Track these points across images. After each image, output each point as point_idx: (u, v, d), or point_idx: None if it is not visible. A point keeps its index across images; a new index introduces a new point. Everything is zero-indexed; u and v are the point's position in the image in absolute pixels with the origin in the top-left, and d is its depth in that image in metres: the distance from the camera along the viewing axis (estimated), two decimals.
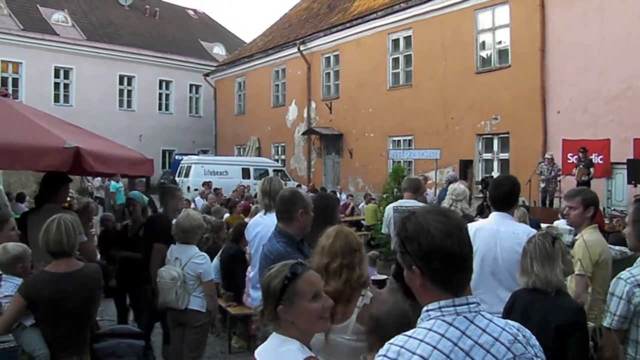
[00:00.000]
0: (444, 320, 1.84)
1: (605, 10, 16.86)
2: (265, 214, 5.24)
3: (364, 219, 17.95)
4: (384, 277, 3.93)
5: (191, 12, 47.69)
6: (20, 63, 32.93)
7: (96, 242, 8.27)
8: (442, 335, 1.81)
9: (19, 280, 4.37)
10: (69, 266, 4.20)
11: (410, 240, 1.91)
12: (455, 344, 1.80)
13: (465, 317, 1.85)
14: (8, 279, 4.44)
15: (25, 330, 4.23)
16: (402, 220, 1.99)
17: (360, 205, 19.79)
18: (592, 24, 17.15)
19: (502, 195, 4.63)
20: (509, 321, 1.97)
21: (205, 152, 36.35)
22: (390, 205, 7.58)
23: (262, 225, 5.07)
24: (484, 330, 1.85)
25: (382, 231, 8.14)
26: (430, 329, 1.84)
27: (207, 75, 37.37)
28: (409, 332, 1.87)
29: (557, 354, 3.05)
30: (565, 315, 3.22)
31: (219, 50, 43.55)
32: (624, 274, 3.20)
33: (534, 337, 1.98)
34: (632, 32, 16.08)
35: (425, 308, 1.91)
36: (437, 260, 1.86)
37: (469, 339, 1.82)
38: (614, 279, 3.24)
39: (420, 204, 7.25)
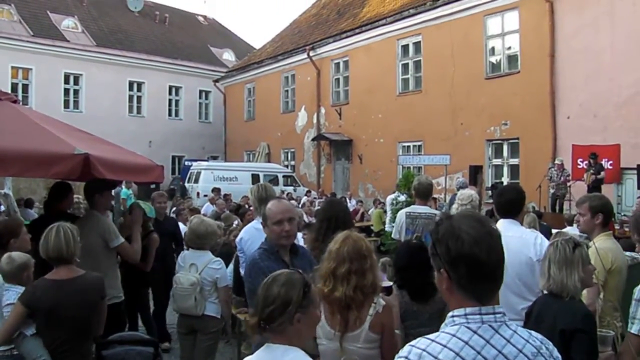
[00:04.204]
0: (468, 327, 1.83)
1: (615, 15, 16.80)
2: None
3: (373, 225, 17.89)
4: (390, 283, 3.93)
5: (201, 19, 47.83)
6: (30, 69, 33.07)
7: None
8: (466, 343, 1.80)
9: (21, 289, 4.38)
10: (69, 273, 4.23)
11: (440, 243, 1.92)
12: (479, 353, 1.79)
13: (490, 325, 1.84)
14: (11, 287, 4.46)
15: (26, 339, 4.25)
16: (437, 222, 2.00)
17: (370, 211, 19.76)
18: (602, 29, 17.10)
19: (504, 203, 4.75)
20: (533, 333, 1.96)
21: (215, 158, 36.43)
22: (403, 211, 7.53)
23: (260, 231, 5.11)
24: (508, 341, 1.84)
25: (393, 237, 8.08)
26: (454, 335, 1.83)
27: (216, 81, 37.47)
28: (431, 336, 1.86)
29: (562, 358, 3.02)
30: (570, 320, 3.22)
31: (228, 56, 43.63)
32: None
33: (556, 350, 1.97)
34: None
35: (450, 313, 1.90)
36: (464, 267, 1.85)
37: (493, 349, 1.81)
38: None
39: (433, 211, 7.23)
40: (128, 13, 41.00)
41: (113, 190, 6.98)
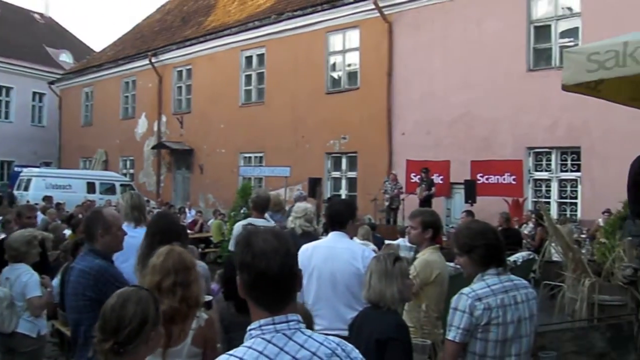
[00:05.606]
0: (263, 338, 1.90)
1: (448, 39, 17.83)
2: (135, 227, 5.16)
3: (212, 236, 17.74)
4: (210, 298, 3.93)
5: (37, 16, 45.32)
6: None
7: None
8: (260, 353, 1.87)
9: None
10: None
11: (235, 249, 2.06)
12: None
13: (284, 334, 1.92)
14: None
15: None
16: (241, 231, 2.10)
17: (210, 222, 19.60)
18: (435, 52, 18.07)
19: (332, 216, 4.87)
20: (330, 337, 2.04)
21: (48, 164, 34.54)
22: (240, 223, 7.55)
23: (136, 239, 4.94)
24: (301, 346, 1.91)
25: (229, 248, 8.05)
26: (249, 347, 1.89)
27: (52, 83, 35.74)
28: (231, 352, 1.91)
29: None
30: (384, 330, 3.37)
31: (65, 57, 41.59)
32: (466, 289, 3.33)
33: (356, 351, 2.05)
34: (471, 61, 17.11)
35: (248, 328, 1.96)
36: (247, 275, 1.96)
37: (286, 355, 1.88)
38: (457, 295, 3.35)
39: (272, 223, 7.26)
40: None
41: None
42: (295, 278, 2.01)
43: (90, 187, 25.11)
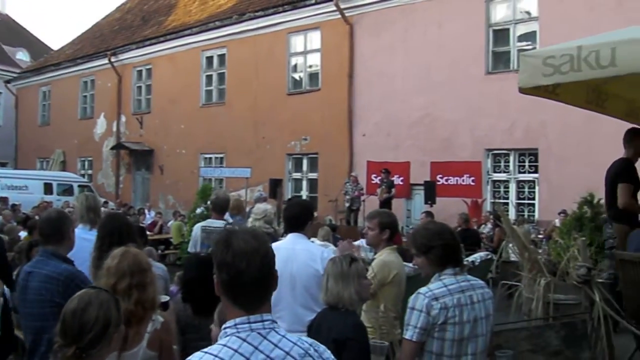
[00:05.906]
0: (238, 337, 1.92)
1: (408, 42, 17.97)
2: (90, 229, 5.06)
3: (172, 237, 17.60)
4: (167, 298, 3.89)
5: None
6: None
7: None
8: (235, 351, 1.89)
9: None
10: None
11: (214, 247, 2.06)
12: (248, 359, 1.88)
13: (259, 333, 1.94)
14: None
15: None
16: (222, 230, 2.10)
17: (170, 223, 19.44)
18: (396, 54, 18.20)
19: (289, 218, 4.86)
20: (303, 337, 2.09)
21: (3, 164, 33.89)
22: (199, 225, 7.51)
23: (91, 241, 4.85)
24: (276, 345, 1.94)
25: (189, 250, 7.98)
26: (225, 345, 1.91)
27: (8, 82, 35.11)
28: (205, 349, 1.93)
29: None
30: (341, 330, 3.41)
31: (22, 56, 40.88)
32: (423, 289, 3.35)
33: (328, 352, 2.10)
34: (431, 63, 17.26)
35: (223, 326, 1.98)
36: (225, 274, 1.97)
37: (261, 354, 1.91)
38: (414, 294, 3.37)
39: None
40: None
41: None
42: (273, 278, 2.04)
43: (48, 188, 24.69)
